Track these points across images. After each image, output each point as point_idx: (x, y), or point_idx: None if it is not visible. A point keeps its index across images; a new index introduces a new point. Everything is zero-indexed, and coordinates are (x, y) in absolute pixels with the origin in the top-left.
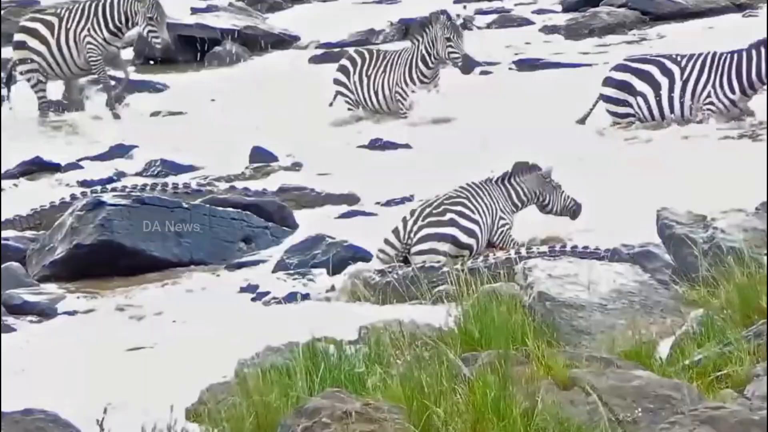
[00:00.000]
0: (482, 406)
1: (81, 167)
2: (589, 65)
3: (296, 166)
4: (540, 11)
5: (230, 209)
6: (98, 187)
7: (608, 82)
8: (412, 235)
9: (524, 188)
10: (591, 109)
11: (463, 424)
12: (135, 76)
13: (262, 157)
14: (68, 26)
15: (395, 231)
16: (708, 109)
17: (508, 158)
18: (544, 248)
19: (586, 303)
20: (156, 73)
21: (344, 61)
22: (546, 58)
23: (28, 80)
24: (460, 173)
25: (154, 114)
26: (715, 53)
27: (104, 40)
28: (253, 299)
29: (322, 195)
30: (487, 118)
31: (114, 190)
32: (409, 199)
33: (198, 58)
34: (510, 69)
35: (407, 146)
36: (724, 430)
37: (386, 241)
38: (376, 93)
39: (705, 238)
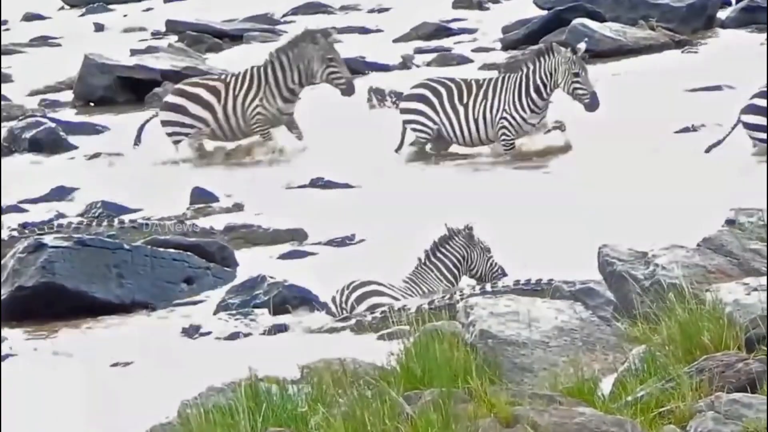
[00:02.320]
0: None
1: (22, 210)
2: None
3: (237, 207)
4: (479, 49)
5: (171, 250)
6: (45, 225)
7: (750, 109)
8: (345, 304)
9: (451, 259)
10: (721, 140)
11: None
12: (75, 118)
13: (202, 198)
14: (236, 93)
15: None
16: None
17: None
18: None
19: (528, 340)
20: (96, 115)
21: (422, 90)
22: None
23: (175, 141)
24: (403, 212)
25: (95, 156)
26: None
27: (278, 109)
28: (195, 340)
29: (269, 231)
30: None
31: (60, 226)
32: (351, 238)
33: (138, 100)
34: None
35: (348, 185)
36: None
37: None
38: (476, 121)
39: (646, 274)
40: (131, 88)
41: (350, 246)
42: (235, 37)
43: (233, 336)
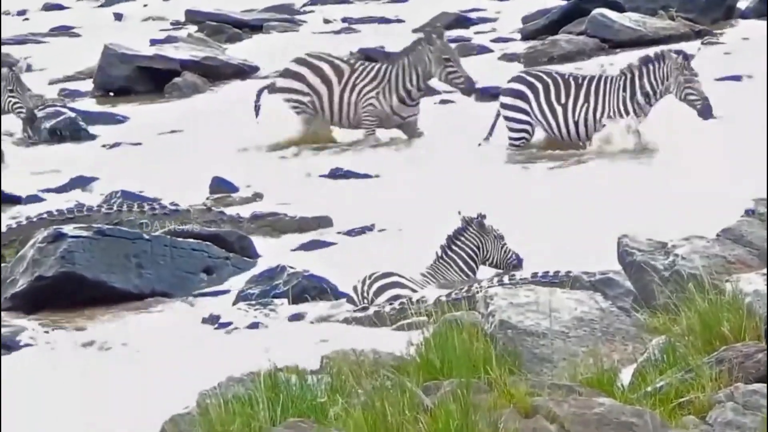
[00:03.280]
0: None
1: (42, 199)
2: None
3: (257, 197)
4: (499, 39)
5: (191, 240)
6: (75, 210)
7: None
8: (366, 294)
9: (466, 250)
10: None
11: None
12: (95, 107)
13: (222, 188)
14: (356, 81)
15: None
16: None
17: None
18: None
19: (548, 331)
20: (116, 105)
21: (519, 86)
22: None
23: (294, 108)
24: (425, 202)
25: (115, 145)
26: None
27: (391, 107)
28: (215, 330)
29: (296, 219)
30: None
31: (90, 210)
32: (370, 228)
33: (157, 90)
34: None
35: (367, 175)
36: None
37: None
38: (576, 123)
39: (666, 264)
40: (151, 78)
41: (370, 236)
42: (255, 27)
43: (253, 326)
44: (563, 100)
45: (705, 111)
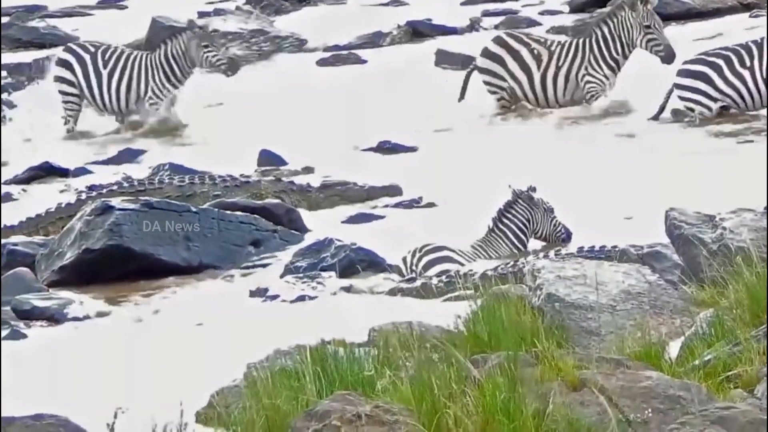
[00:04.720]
0: (492, 407)
1: (90, 172)
2: None
3: (306, 170)
4: (547, 12)
5: (239, 213)
6: (146, 181)
7: None
8: (415, 267)
9: (516, 223)
10: None
11: (474, 426)
12: None
13: (270, 161)
14: (559, 62)
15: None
16: None
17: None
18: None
19: (595, 304)
20: None
21: (699, 67)
22: None
23: (493, 92)
24: (468, 176)
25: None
26: None
27: (605, 76)
28: (262, 302)
29: (365, 188)
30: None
31: (162, 182)
32: (417, 201)
33: None
34: None
35: (413, 149)
36: (733, 431)
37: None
38: (756, 85)
39: (713, 238)
40: None
41: (417, 209)
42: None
43: (300, 299)
44: (748, 64)
45: None
